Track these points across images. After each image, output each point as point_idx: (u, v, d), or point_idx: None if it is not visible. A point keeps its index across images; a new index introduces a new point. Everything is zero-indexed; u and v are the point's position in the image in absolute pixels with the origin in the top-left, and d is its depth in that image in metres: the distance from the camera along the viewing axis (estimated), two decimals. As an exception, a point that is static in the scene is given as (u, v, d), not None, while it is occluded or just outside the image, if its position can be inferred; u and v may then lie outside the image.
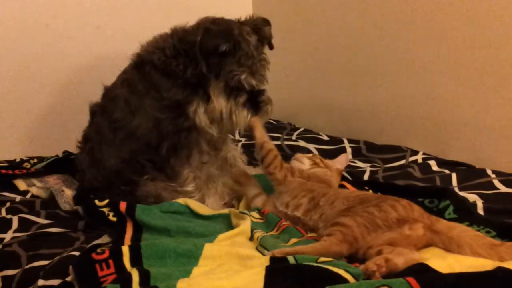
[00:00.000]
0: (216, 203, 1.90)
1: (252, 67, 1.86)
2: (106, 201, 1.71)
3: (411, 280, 1.16)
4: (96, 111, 2.02)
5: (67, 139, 2.50)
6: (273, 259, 1.33)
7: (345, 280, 1.22)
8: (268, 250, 1.44)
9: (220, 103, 1.86)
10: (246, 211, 1.70)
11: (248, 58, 1.85)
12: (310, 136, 2.66)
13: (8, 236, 1.62)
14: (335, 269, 1.25)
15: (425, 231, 1.44)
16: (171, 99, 1.87)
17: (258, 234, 1.54)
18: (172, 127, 1.87)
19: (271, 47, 2.00)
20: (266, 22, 1.98)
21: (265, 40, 1.96)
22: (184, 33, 1.90)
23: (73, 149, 2.35)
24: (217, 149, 2.03)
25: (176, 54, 1.88)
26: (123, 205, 1.64)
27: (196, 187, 1.91)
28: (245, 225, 1.57)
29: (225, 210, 1.77)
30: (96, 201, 1.72)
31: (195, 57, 1.84)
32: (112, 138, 1.92)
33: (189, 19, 1.92)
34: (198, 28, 1.87)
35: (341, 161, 1.99)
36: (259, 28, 1.94)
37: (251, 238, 1.56)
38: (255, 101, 1.89)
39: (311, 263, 1.28)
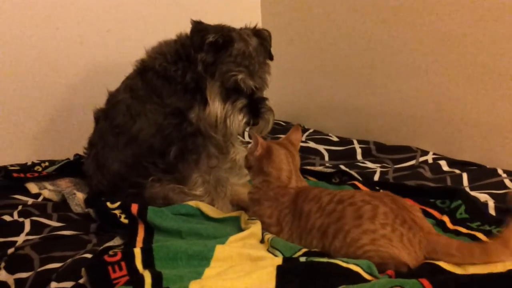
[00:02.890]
0: (226, 206, 1.90)
1: (249, 67, 1.82)
2: (118, 203, 1.72)
3: (424, 281, 1.16)
4: (99, 116, 2.03)
5: (76, 142, 2.51)
6: (285, 259, 1.34)
7: (355, 274, 1.24)
8: (279, 250, 1.45)
9: (215, 106, 1.83)
10: (254, 217, 1.69)
11: (246, 58, 1.82)
12: (320, 137, 2.66)
13: (20, 239, 1.63)
14: (344, 264, 1.26)
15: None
16: (172, 106, 1.88)
17: (268, 236, 1.55)
18: (177, 133, 1.88)
19: (271, 57, 1.97)
20: (267, 31, 1.96)
21: (266, 44, 1.94)
22: (187, 38, 1.89)
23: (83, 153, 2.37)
24: (226, 152, 2.03)
25: (177, 59, 1.88)
26: (134, 207, 1.64)
27: (205, 191, 1.90)
28: (256, 228, 1.57)
29: (236, 213, 1.78)
30: (108, 203, 1.72)
31: (194, 58, 1.83)
32: (115, 143, 1.93)
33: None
34: None
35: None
36: (260, 33, 1.93)
37: (261, 241, 1.56)
38: (255, 108, 1.85)
39: (322, 260, 1.29)
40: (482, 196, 1.78)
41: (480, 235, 1.52)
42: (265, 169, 1.63)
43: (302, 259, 1.32)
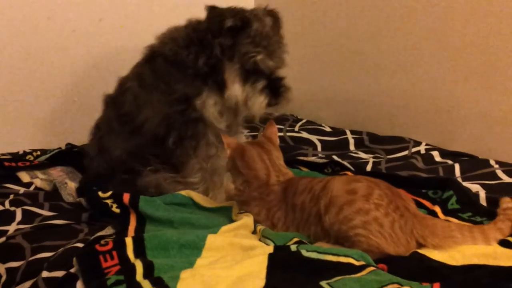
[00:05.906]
0: (220, 196, 1.89)
1: (268, 47, 1.79)
2: (110, 192, 1.70)
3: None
4: (108, 102, 2.01)
5: (68, 132, 2.51)
6: (276, 247, 1.34)
7: (347, 265, 1.24)
8: (270, 239, 1.45)
9: (235, 88, 1.80)
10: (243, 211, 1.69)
11: (264, 38, 1.79)
12: (313, 127, 2.66)
13: (12, 228, 1.62)
14: (335, 258, 1.27)
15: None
16: (180, 92, 1.85)
17: (260, 226, 1.55)
18: (179, 118, 1.85)
19: (280, 35, 1.92)
20: (277, 12, 1.94)
21: (279, 24, 1.91)
22: (198, 23, 1.87)
23: (80, 141, 2.35)
24: None
25: (189, 43, 1.85)
26: (126, 197, 1.64)
27: (201, 178, 1.88)
28: (248, 219, 1.57)
29: (228, 203, 1.77)
30: (100, 193, 1.71)
31: (208, 43, 1.80)
32: (120, 131, 1.92)
33: (192, 13, 1.90)
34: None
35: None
36: (272, 13, 1.90)
37: (253, 232, 1.56)
38: (275, 88, 1.83)
39: (313, 252, 1.29)
40: (474, 187, 1.78)
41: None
42: (241, 170, 1.62)
43: (293, 247, 1.32)
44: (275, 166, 1.64)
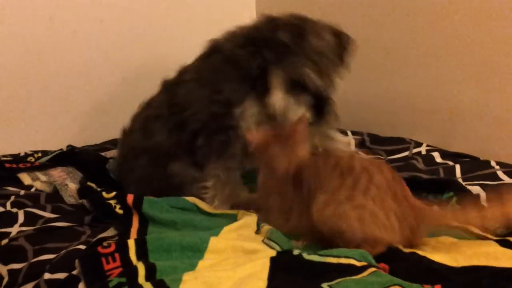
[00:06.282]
0: (224, 206, 1.83)
1: (319, 64, 1.72)
2: (114, 193, 1.71)
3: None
4: (165, 88, 1.99)
5: (70, 132, 2.50)
6: (278, 252, 1.34)
7: (348, 266, 1.25)
8: (277, 244, 1.43)
9: (277, 95, 1.73)
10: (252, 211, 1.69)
11: (317, 54, 1.71)
12: (314, 128, 2.66)
13: (14, 230, 1.63)
14: (335, 260, 1.27)
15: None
16: (224, 94, 1.80)
17: (267, 227, 1.53)
18: (215, 120, 1.82)
19: (342, 61, 1.86)
20: (347, 36, 1.87)
21: (342, 46, 1.84)
22: (267, 21, 1.81)
23: (80, 143, 2.35)
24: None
25: (247, 43, 1.79)
26: (130, 198, 1.64)
27: (212, 184, 1.83)
28: (251, 219, 1.57)
29: (233, 211, 1.75)
30: (104, 193, 1.72)
31: (265, 44, 1.74)
32: (167, 119, 1.89)
33: (190, 15, 1.88)
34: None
35: None
36: (338, 34, 1.84)
37: (257, 232, 1.55)
38: (318, 107, 1.74)
39: (314, 255, 1.30)
40: (475, 188, 1.78)
41: (470, 226, 1.53)
42: (257, 164, 1.62)
43: (296, 252, 1.32)
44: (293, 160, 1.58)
